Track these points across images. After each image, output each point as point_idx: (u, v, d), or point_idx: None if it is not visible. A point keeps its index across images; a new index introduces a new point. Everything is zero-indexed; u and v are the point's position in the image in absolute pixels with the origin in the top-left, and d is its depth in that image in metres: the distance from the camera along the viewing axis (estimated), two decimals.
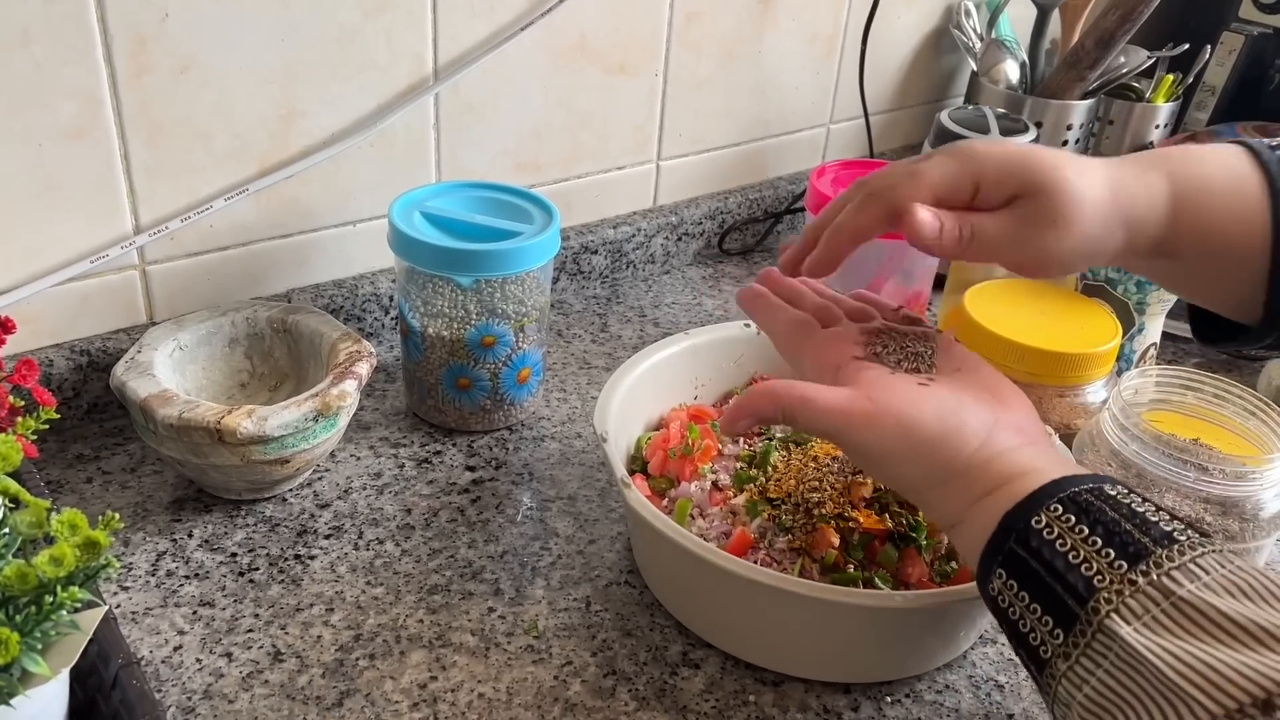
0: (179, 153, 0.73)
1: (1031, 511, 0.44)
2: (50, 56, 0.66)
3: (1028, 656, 0.44)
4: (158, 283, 0.77)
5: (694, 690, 0.60)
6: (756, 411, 0.52)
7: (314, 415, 0.66)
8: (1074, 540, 0.42)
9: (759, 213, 1.12)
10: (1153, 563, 0.40)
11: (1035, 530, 0.43)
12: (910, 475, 0.50)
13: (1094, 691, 0.40)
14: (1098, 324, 0.77)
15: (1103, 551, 0.41)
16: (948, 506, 0.49)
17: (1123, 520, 0.42)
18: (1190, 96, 1.26)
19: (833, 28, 1.10)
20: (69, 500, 0.69)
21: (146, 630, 0.60)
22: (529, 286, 0.75)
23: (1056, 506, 0.43)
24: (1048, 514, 0.43)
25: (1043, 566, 0.42)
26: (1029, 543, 0.43)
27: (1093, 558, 0.41)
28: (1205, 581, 0.39)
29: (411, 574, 0.66)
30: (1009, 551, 0.44)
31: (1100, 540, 0.41)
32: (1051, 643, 0.41)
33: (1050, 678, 0.42)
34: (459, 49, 0.83)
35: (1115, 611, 0.39)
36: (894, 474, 0.51)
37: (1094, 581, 0.41)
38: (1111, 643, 0.39)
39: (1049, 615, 0.42)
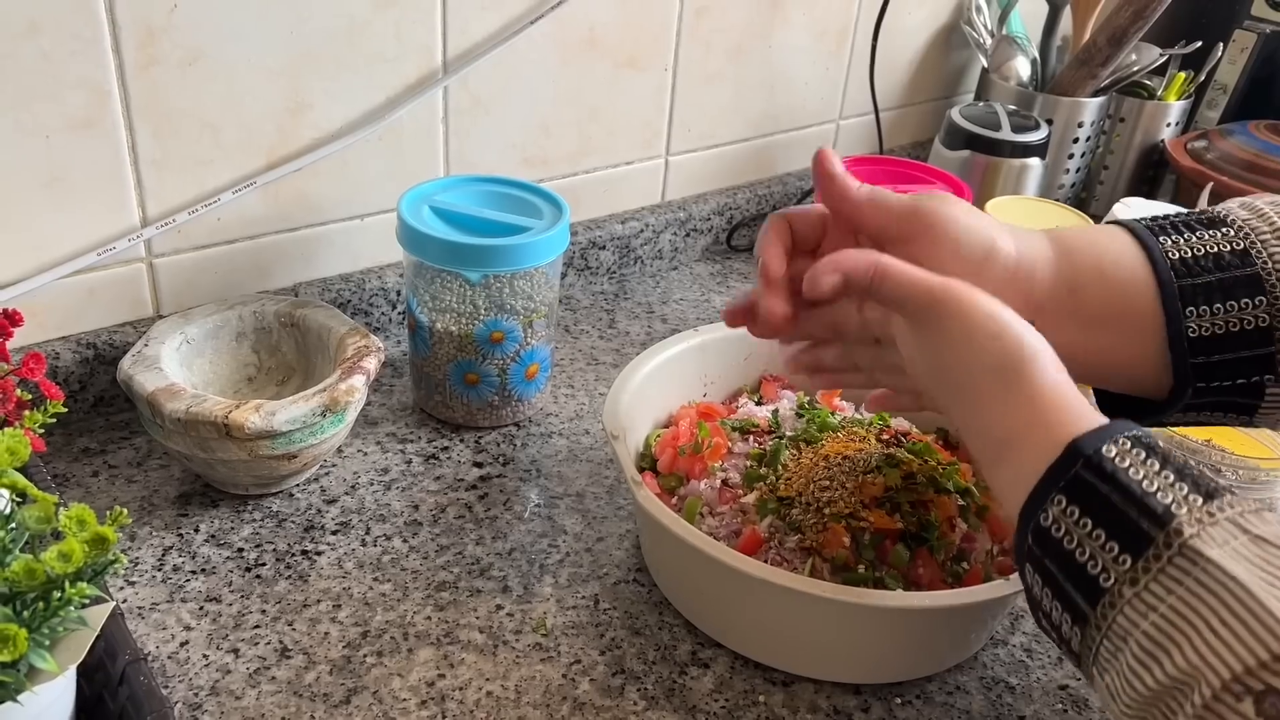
0: (186, 145, 0.73)
1: (1102, 440, 0.42)
2: (58, 47, 0.65)
3: (1083, 589, 0.41)
4: (165, 276, 0.76)
5: (703, 690, 0.59)
6: (848, 268, 0.49)
7: (322, 410, 0.65)
8: (1147, 471, 0.41)
9: (768, 209, 1.11)
10: (1228, 502, 0.39)
11: (1107, 458, 0.42)
12: (976, 370, 0.47)
13: (1161, 619, 0.38)
14: None
15: (1176, 485, 0.40)
16: (1005, 420, 0.46)
17: (1189, 464, 0.41)
18: (1202, 94, 1.26)
19: (843, 23, 1.09)
20: (75, 494, 0.69)
21: (153, 626, 0.60)
22: (538, 282, 0.75)
23: (1126, 440, 0.42)
24: (1118, 445, 0.42)
25: (1115, 490, 0.41)
26: (1101, 467, 0.41)
27: (1167, 489, 0.40)
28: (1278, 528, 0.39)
29: (419, 570, 0.65)
30: (1074, 477, 0.42)
31: (1173, 475, 0.40)
32: (1116, 569, 0.40)
33: (1109, 608, 0.40)
34: (468, 42, 0.83)
35: (1198, 536, 0.38)
36: (960, 365, 0.48)
37: (1172, 508, 0.39)
38: (1193, 566, 0.38)
39: (1115, 541, 0.40)
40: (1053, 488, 0.42)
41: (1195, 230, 0.52)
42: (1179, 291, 0.51)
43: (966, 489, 0.66)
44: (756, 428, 0.70)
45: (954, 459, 0.69)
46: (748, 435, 0.70)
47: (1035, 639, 0.65)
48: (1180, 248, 0.52)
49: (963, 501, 0.65)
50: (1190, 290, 0.51)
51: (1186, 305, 0.51)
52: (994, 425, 0.47)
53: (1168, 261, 0.52)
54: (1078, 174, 1.18)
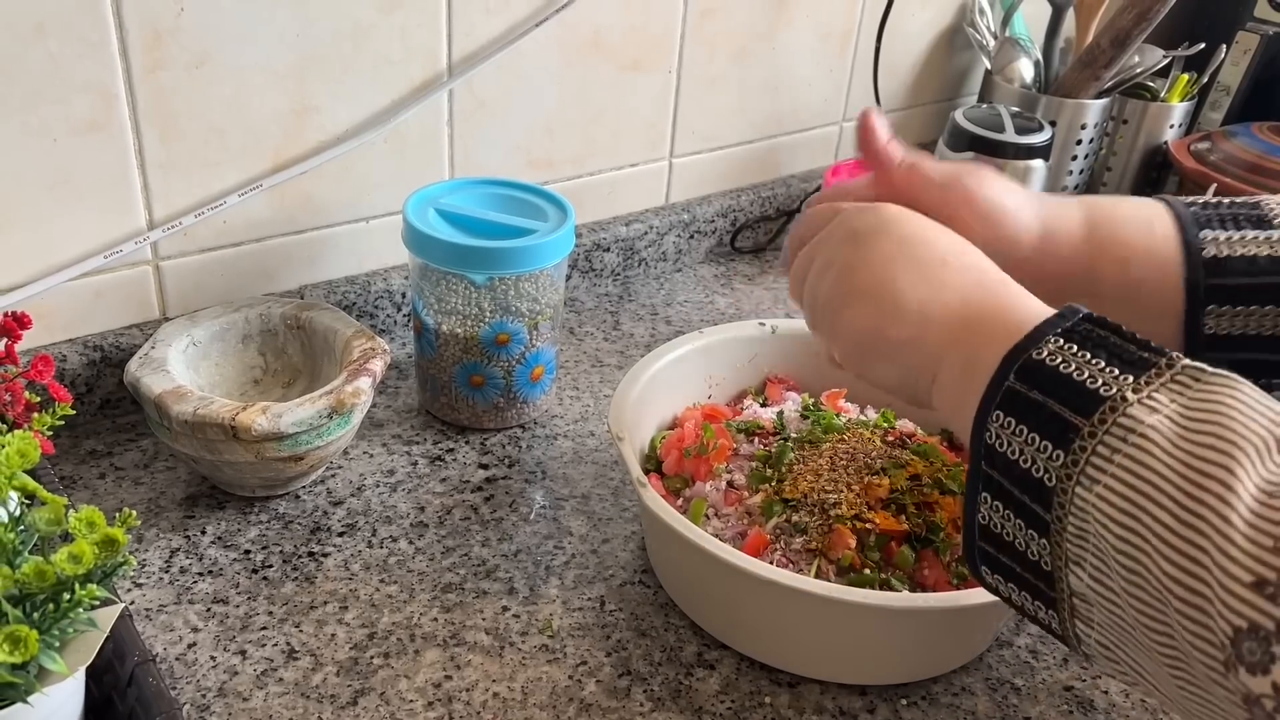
0: (193, 148, 0.73)
1: (1032, 343, 0.42)
2: (65, 50, 0.66)
3: (1078, 403, 0.39)
4: (171, 278, 0.76)
5: (709, 691, 0.59)
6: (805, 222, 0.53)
7: (328, 412, 0.65)
8: (1079, 363, 0.40)
9: (771, 211, 1.11)
10: (1155, 373, 0.39)
11: (1034, 362, 0.41)
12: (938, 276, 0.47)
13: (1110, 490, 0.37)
14: None
15: (1107, 369, 0.39)
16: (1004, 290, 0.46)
17: (1125, 344, 0.41)
18: (1205, 96, 1.26)
19: (847, 25, 1.09)
20: (82, 496, 0.69)
21: (161, 627, 0.60)
22: (543, 284, 0.75)
23: (1059, 339, 0.41)
24: (1050, 345, 0.41)
25: (1045, 391, 0.40)
26: (1029, 374, 0.41)
27: (1099, 375, 0.39)
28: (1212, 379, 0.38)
29: (425, 572, 0.66)
30: (1008, 390, 0.41)
31: (1103, 360, 0.40)
32: (1118, 382, 0.38)
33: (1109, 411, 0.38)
34: (473, 45, 0.83)
35: (1128, 410, 0.38)
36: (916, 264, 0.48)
37: (1100, 392, 0.39)
38: (1123, 442, 0.37)
39: (1115, 366, 0.39)
40: (1049, 331, 0.42)
41: (1241, 228, 0.52)
42: (1205, 289, 0.51)
43: None
44: (761, 429, 0.70)
45: (959, 460, 0.69)
46: (753, 437, 0.70)
47: (1041, 640, 0.65)
48: (1219, 245, 0.52)
49: None
50: (1217, 289, 0.51)
51: (1209, 302, 0.51)
52: (966, 307, 0.46)
53: (1202, 259, 0.51)
54: (1081, 176, 1.18)
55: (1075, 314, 0.42)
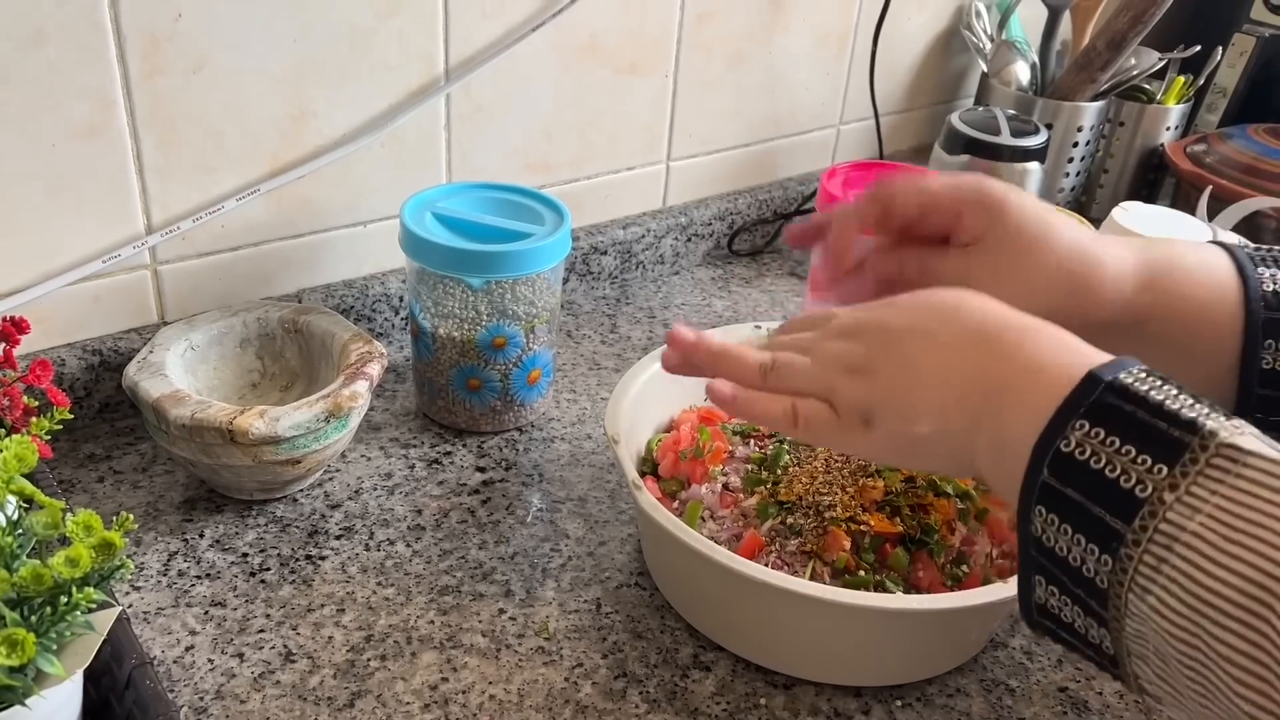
0: (191, 153, 0.73)
1: (1118, 369, 0.42)
2: (64, 57, 0.66)
3: (1115, 506, 0.39)
4: (169, 282, 0.77)
5: (705, 693, 0.60)
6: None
7: (325, 416, 0.66)
8: (1167, 394, 0.40)
9: (769, 214, 1.12)
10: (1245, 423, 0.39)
11: (1126, 382, 0.41)
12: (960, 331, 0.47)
13: (1209, 518, 0.37)
14: None
15: (1198, 405, 0.39)
16: (994, 367, 0.45)
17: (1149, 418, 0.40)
18: (1201, 98, 1.26)
19: (843, 28, 1.10)
20: (80, 500, 0.69)
21: (158, 630, 0.61)
22: (540, 287, 0.75)
23: (1141, 371, 0.41)
24: (1133, 374, 0.41)
25: (1141, 407, 0.40)
26: (1124, 389, 0.40)
27: (1191, 406, 0.39)
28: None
29: (422, 575, 0.66)
30: (1097, 401, 0.41)
31: (1192, 399, 0.40)
32: (1153, 478, 0.38)
33: (1149, 516, 0.38)
34: (470, 50, 0.83)
35: (1233, 438, 0.38)
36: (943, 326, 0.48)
37: (1199, 420, 0.38)
38: (1234, 464, 0.37)
39: (1147, 452, 0.39)
40: (1072, 415, 0.41)
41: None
42: (1262, 324, 0.51)
43: (966, 492, 0.67)
44: (757, 432, 0.70)
45: None
46: (749, 439, 0.70)
47: (1035, 641, 0.65)
48: (1277, 281, 0.52)
49: (962, 505, 0.66)
50: (1274, 324, 0.51)
51: (1266, 338, 0.51)
52: (980, 376, 0.46)
53: (1261, 293, 0.52)
54: (1078, 178, 1.18)
55: (1097, 385, 0.41)
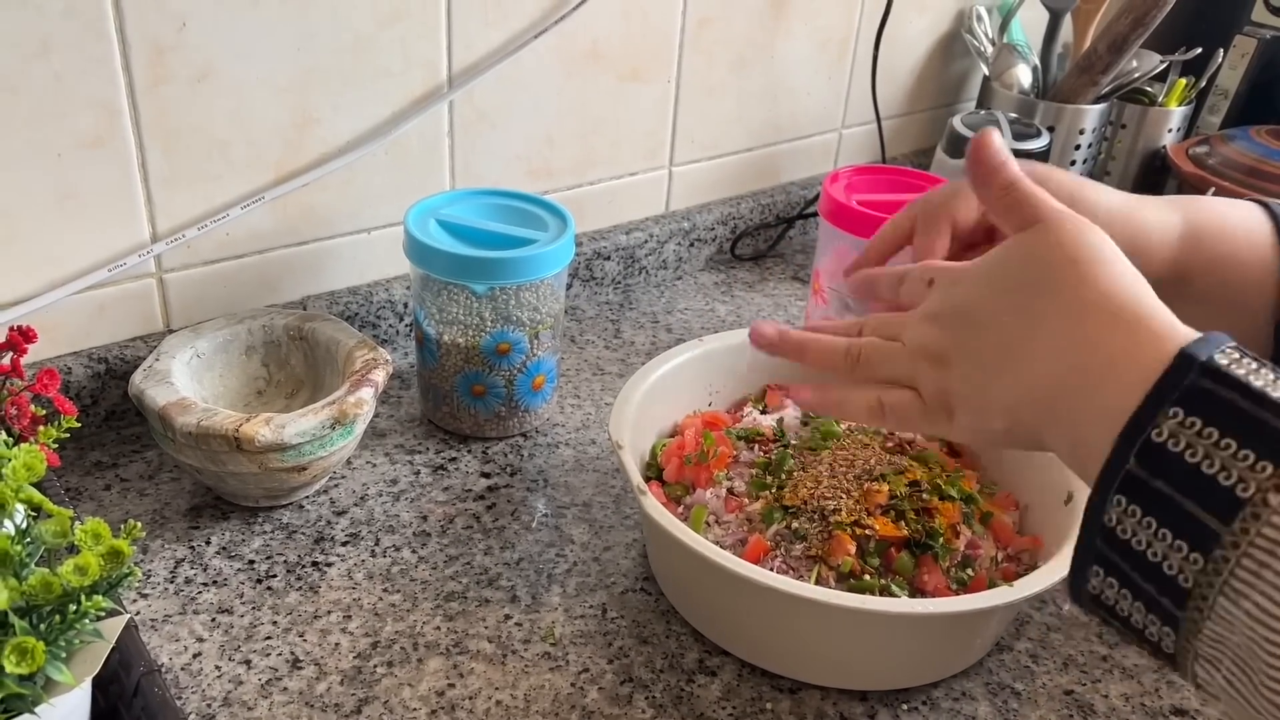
0: (196, 161, 0.74)
1: (1212, 347, 0.38)
2: (69, 67, 0.66)
3: (1214, 506, 0.36)
4: (175, 291, 0.77)
5: (711, 698, 0.60)
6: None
7: (331, 423, 0.66)
8: (1265, 379, 0.37)
9: (771, 218, 1.12)
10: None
11: (1222, 365, 0.37)
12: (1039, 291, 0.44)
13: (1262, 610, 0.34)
14: None
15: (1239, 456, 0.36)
16: (1078, 341, 0.42)
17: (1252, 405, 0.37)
18: (1203, 100, 1.26)
19: (845, 32, 1.10)
20: (88, 508, 0.70)
21: (166, 638, 0.61)
22: (544, 293, 0.76)
23: (1234, 350, 0.38)
24: (1227, 355, 0.38)
25: (1243, 395, 0.37)
26: (1222, 374, 0.37)
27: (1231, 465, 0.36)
28: None
29: (428, 581, 0.66)
30: (1192, 386, 0.37)
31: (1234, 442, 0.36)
32: (1256, 477, 0.35)
33: (1251, 519, 0.35)
34: (473, 57, 0.84)
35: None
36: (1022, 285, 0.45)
37: (1237, 492, 0.35)
38: (1275, 545, 0.34)
39: (1251, 448, 0.36)
40: (1164, 401, 0.38)
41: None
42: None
43: (970, 496, 0.67)
44: (761, 436, 0.71)
45: (958, 466, 0.70)
46: (753, 444, 0.70)
47: (1041, 645, 0.65)
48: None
49: (967, 508, 0.66)
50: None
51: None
52: (1061, 371, 0.42)
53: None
54: None
55: (1191, 365, 0.38)
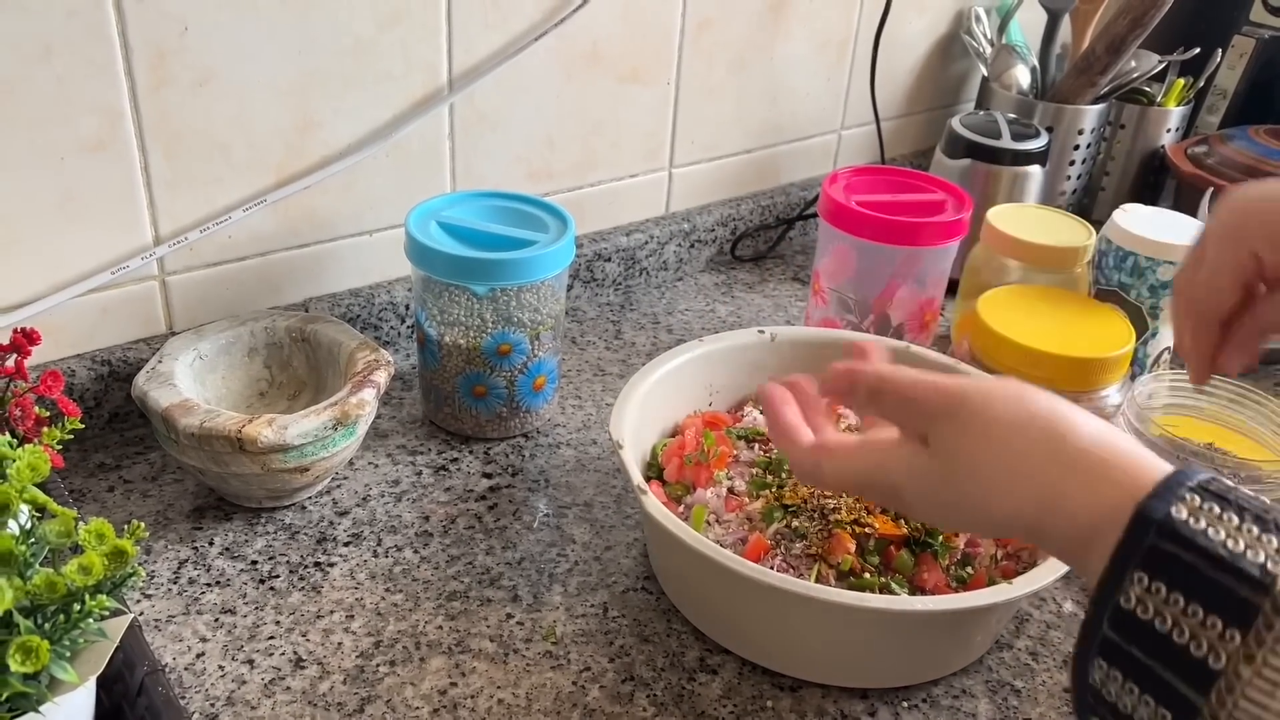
0: (198, 164, 0.74)
1: (1169, 500, 0.37)
2: (72, 71, 0.67)
3: (1188, 676, 0.35)
4: (177, 293, 0.77)
5: (712, 696, 0.60)
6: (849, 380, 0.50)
7: (333, 424, 0.66)
8: (1227, 528, 0.36)
9: (771, 219, 1.12)
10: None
11: (1179, 521, 0.36)
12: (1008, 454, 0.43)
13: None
14: (1111, 329, 0.77)
15: (1263, 538, 0.35)
16: (1068, 504, 0.41)
17: (1266, 507, 0.36)
18: (1202, 100, 1.26)
19: (844, 34, 1.10)
20: (91, 509, 0.70)
21: (170, 638, 0.61)
22: (544, 295, 0.76)
23: (1194, 496, 0.37)
24: (1187, 503, 0.37)
25: (1201, 558, 0.35)
26: (1178, 533, 0.36)
27: (1255, 544, 0.35)
28: None
29: (430, 581, 0.66)
30: (1152, 549, 0.36)
31: (1257, 527, 0.35)
32: (1225, 646, 0.34)
33: (1226, 692, 0.34)
34: (473, 59, 0.84)
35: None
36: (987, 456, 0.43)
37: (1268, 566, 0.34)
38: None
39: (1217, 615, 0.34)
40: (1129, 565, 0.37)
41: None
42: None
43: None
44: (761, 436, 0.71)
45: None
46: (753, 443, 0.71)
47: (1040, 642, 0.65)
48: None
49: None
50: None
51: None
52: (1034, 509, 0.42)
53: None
54: (1079, 180, 1.18)
55: (1149, 527, 0.37)
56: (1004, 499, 0.43)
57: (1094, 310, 0.80)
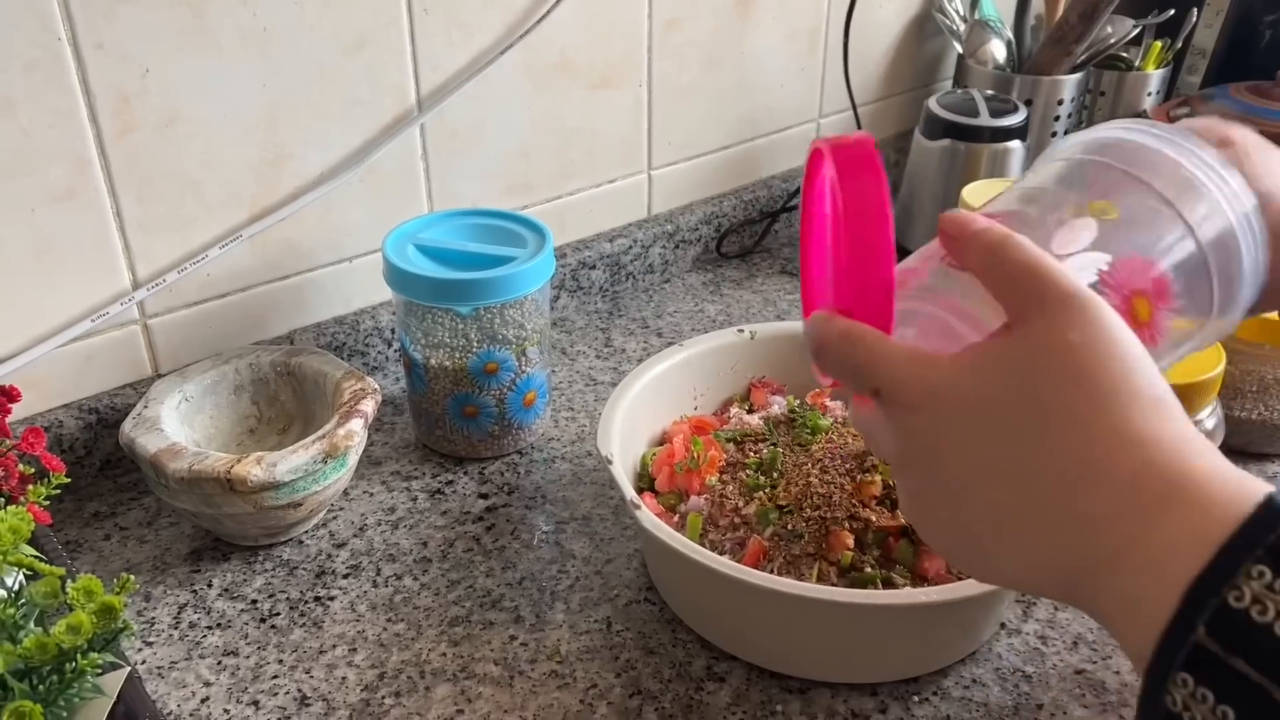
0: (170, 205, 0.74)
1: (1224, 578, 0.30)
2: (35, 122, 0.66)
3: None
4: (160, 335, 0.77)
5: (720, 704, 0.60)
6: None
7: (323, 457, 0.66)
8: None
9: (755, 213, 1.12)
10: None
11: (1236, 613, 0.29)
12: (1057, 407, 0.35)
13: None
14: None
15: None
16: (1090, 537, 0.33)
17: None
18: (1181, 61, 1.25)
19: (814, 21, 1.10)
20: (88, 559, 0.70)
21: (173, 684, 0.61)
22: (528, 310, 0.75)
23: (1260, 567, 0.30)
24: (1251, 584, 0.29)
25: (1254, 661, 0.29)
26: (1234, 624, 0.29)
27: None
28: None
29: (431, 607, 0.66)
30: (1195, 647, 0.30)
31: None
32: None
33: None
34: (440, 78, 0.84)
35: None
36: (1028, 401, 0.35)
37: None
38: None
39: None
40: (1245, 557, 0.30)
41: None
42: None
43: None
44: (750, 436, 0.70)
45: None
46: (742, 444, 0.70)
47: (1049, 625, 0.65)
48: None
49: None
50: None
51: None
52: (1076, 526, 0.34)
53: None
54: None
55: (1278, 513, 0.30)
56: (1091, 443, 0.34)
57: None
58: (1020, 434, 0.35)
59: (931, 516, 0.39)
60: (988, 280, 0.38)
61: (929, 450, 0.37)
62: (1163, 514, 0.32)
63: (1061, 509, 0.34)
